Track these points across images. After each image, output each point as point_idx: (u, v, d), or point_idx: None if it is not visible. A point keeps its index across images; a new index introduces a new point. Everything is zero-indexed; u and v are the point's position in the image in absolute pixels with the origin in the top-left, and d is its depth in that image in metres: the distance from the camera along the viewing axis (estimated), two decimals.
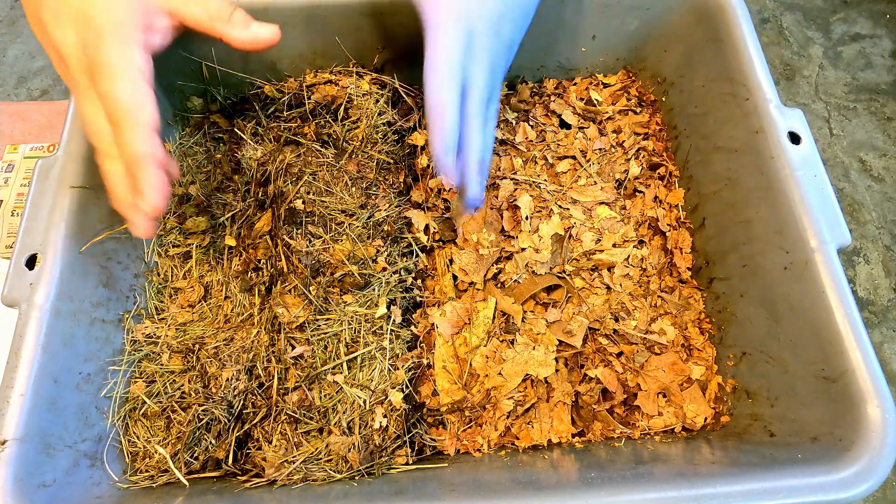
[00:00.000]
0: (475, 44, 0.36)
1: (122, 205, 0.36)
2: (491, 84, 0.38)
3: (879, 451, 0.34)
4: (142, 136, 0.33)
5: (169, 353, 0.45)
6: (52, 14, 0.34)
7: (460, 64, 0.36)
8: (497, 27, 0.37)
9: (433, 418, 0.47)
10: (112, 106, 0.33)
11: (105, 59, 0.32)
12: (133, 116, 0.33)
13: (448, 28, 0.36)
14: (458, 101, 0.36)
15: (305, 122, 0.52)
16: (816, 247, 0.39)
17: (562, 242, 0.51)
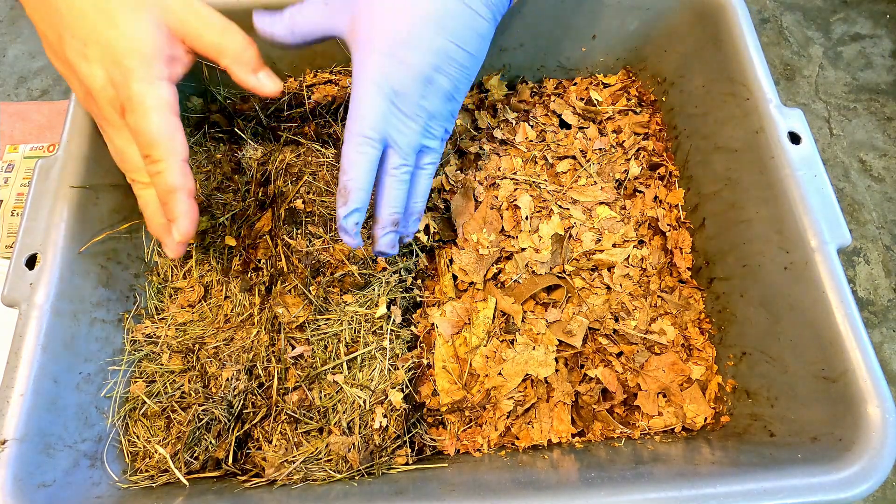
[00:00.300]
0: (398, 104, 0.36)
1: (157, 228, 0.38)
2: (416, 141, 0.37)
3: (879, 451, 0.34)
4: (174, 169, 0.34)
5: (169, 353, 0.45)
6: (78, 53, 0.34)
7: (375, 127, 0.36)
8: (425, 87, 0.36)
9: (433, 418, 0.47)
10: (144, 139, 0.34)
11: (135, 96, 0.34)
12: (165, 150, 0.34)
13: (366, 92, 0.35)
14: (368, 163, 0.36)
15: (305, 122, 0.52)
16: (816, 247, 0.39)
17: (562, 242, 0.51)
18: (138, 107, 0.34)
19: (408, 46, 0.35)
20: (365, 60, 0.36)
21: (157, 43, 0.34)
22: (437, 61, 0.36)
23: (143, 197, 0.37)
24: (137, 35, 0.34)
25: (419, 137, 0.38)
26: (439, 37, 0.35)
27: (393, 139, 0.37)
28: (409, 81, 0.36)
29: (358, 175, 0.36)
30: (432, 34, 0.35)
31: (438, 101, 0.37)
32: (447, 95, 0.38)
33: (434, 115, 0.38)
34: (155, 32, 0.34)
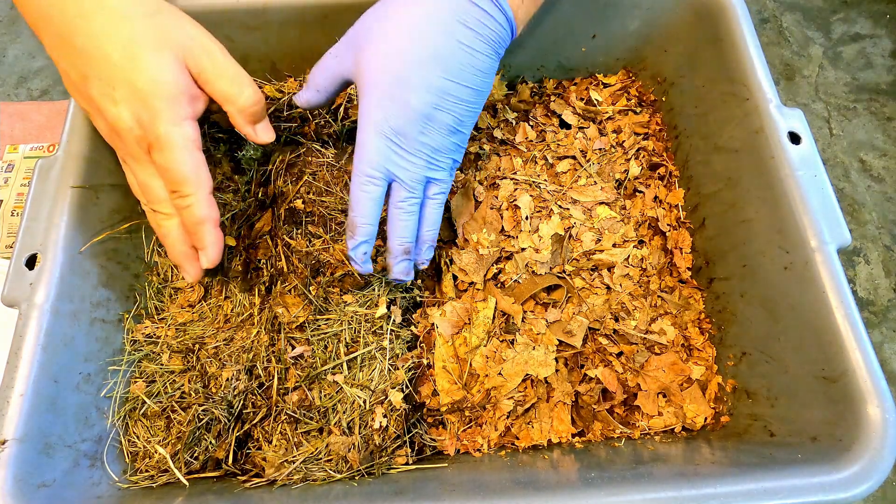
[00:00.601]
0: (399, 142, 0.38)
1: (178, 255, 0.39)
2: (420, 175, 0.39)
3: (879, 451, 0.34)
4: (203, 202, 0.37)
5: (169, 353, 0.45)
6: (105, 94, 0.35)
7: (376, 166, 0.38)
8: (424, 124, 0.38)
9: (433, 418, 0.47)
10: (173, 177, 0.36)
11: (163, 136, 0.35)
12: (193, 185, 0.36)
13: (367, 133, 0.38)
14: (371, 200, 0.38)
15: (305, 122, 0.52)
16: (816, 247, 0.39)
17: (562, 242, 0.51)
18: (166, 146, 0.35)
19: (405, 87, 0.37)
20: (367, 103, 0.38)
21: (180, 83, 0.35)
22: (435, 100, 0.37)
23: (165, 227, 0.38)
24: (163, 77, 0.35)
25: (424, 171, 0.39)
26: (436, 77, 0.37)
27: (396, 175, 0.39)
28: (409, 121, 0.37)
29: (362, 211, 0.39)
30: (429, 74, 0.37)
31: (441, 135, 0.39)
32: (450, 130, 0.39)
33: (438, 149, 0.39)
34: (178, 73, 0.35)
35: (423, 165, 0.39)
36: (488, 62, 0.39)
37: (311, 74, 0.42)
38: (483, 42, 0.38)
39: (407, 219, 0.40)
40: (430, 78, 0.37)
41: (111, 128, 0.36)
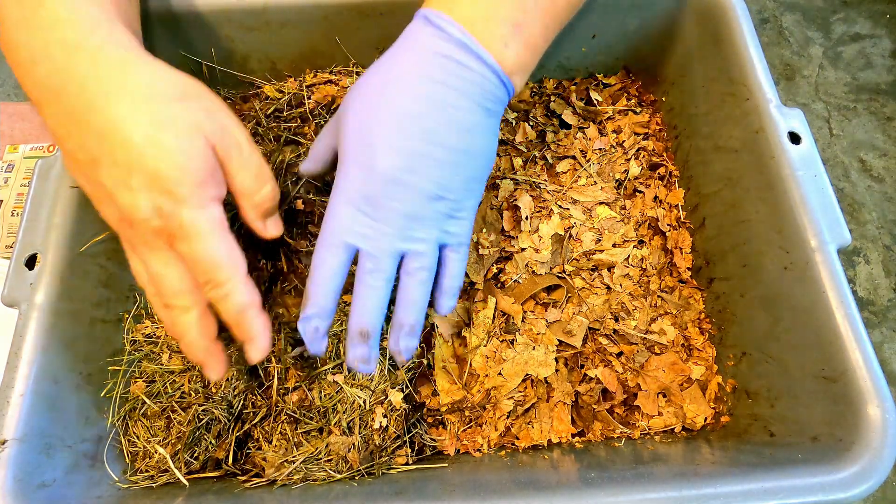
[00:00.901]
0: (365, 209, 0.34)
1: (199, 352, 0.35)
2: (390, 245, 0.35)
3: (879, 451, 0.34)
4: (241, 288, 0.33)
5: (169, 353, 0.45)
6: (119, 181, 0.31)
7: (336, 233, 0.35)
8: (394, 189, 0.34)
9: (433, 418, 0.47)
10: (205, 265, 0.32)
11: (188, 224, 0.31)
12: (229, 269, 0.33)
13: (333, 200, 0.35)
14: (328, 269, 0.35)
15: (305, 122, 0.52)
16: (816, 247, 0.39)
17: (562, 242, 0.51)
18: (194, 234, 0.32)
19: (371, 150, 0.34)
20: (339, 171, 0.35)
21: (208, 166, 0.32)
22: (404, 163, 0.34)
23: (183, 323, 0.34)
24: (190, 163, 0.31)
25: (393, 241, 0.35)
26: (405, 137, 0.34)
27: (358, 244, 0.35)
28: (375, 186, 0.34)
29: (316, 281, 0.35)
30: (395, 135, 0.34)
31: (416, 202, 0.34)
32: (428, 196, 0.34)
33: (415, 217, 0.35)
34: (207, 156, 0.32)
35: (393, 234, 0.34)
36: (473, 119, 0.35)
37: (313, 146, 0.41)
38: (463, 97, 0.34)
39: (370, 295, 0.35)
40: (396, 139, 0.34)
41: (122, 217, 0.32)
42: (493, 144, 0.37)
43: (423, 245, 0.36)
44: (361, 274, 0.35)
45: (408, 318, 0.36)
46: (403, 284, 0.36)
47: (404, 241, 0.35)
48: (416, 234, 0.35)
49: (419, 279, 0.36)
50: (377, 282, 0.35)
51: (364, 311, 0.35)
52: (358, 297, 0.35)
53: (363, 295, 0.35)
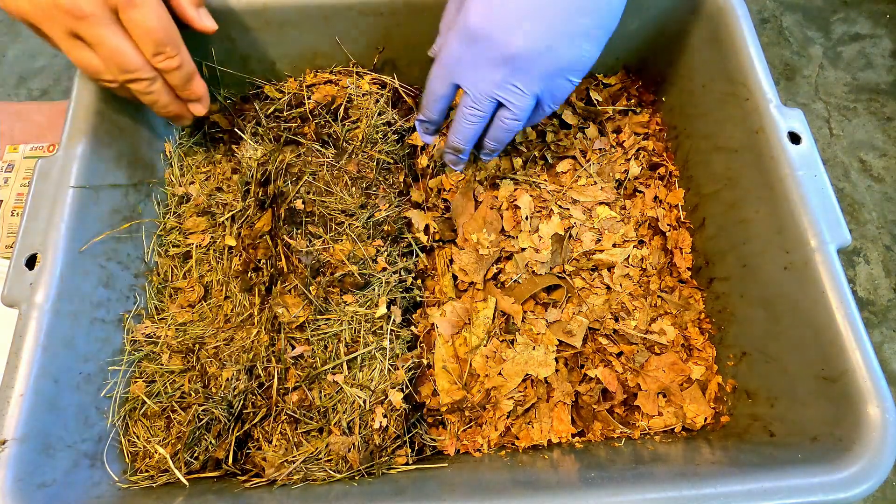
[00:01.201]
0: (476, 49, 0.37)
1: (175, 108, 0.42)
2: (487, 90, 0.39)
3: (879, 451, 0.34)
4: (187, 57, 0.38)
5: (169, 353, 0.45)
6: None
7: (449, 67, 0.39)
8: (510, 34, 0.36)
9: (433, 418, 0.47)
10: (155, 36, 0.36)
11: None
12: (177, 41, 0.37)
13: (453, 34, 0.38)
14: (441, 94, 0.41)
15: (305, 122, 0.52)
16: (816, 247, 0.39)
17: (562, 242, 0.51)
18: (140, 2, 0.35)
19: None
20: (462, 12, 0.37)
21: None
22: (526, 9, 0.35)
23: (154, 91, 0.39)
24: None
25: (491, 88, 0.38)
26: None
27: (462, 83, 0.39)
28: (494, 28, 0.36)
29: (428, 99, 0.42)
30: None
31: (525, 55, 0.36)
32: (537, 49, 0.36)
33: (519, 69, 0.37)
34: None
35: (492, 82, 0.38)
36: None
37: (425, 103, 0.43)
38: None
39: (466, 125, 0.41)
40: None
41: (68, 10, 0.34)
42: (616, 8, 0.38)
43: (519, 98, 0.39)
44: (462, 108, 0.40)
45: (491, 146, 0.44)
46: (494, 125, 0.42)
47: (500, 89, 0.38)
48: (515, 87, 0.38)
49: (507, 127, 0.41)
50: (473, 118, 0.41)
51: (460, 136, 0.43)
52: (457, 124, 0.42)
53: (461, 125, 0.42)
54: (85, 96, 0.44)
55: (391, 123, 0.53)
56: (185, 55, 0.39)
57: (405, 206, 0.51)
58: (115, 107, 0.46)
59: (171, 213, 0.50)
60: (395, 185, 0.52)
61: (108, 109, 0.45)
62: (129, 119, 0.47)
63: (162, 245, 0.49)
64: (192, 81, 0.41)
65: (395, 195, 0.51)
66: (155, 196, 0.50)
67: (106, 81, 0.39)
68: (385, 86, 0.55)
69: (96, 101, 0.44)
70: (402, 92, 0.55)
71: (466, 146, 0.44)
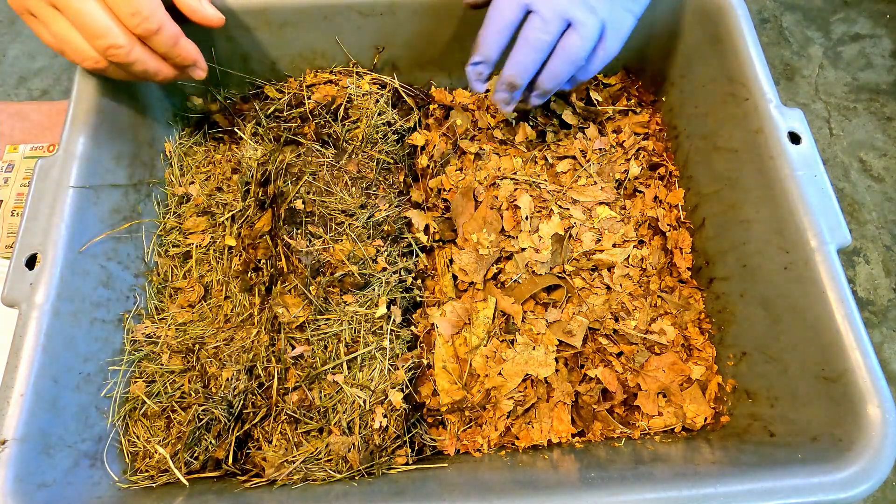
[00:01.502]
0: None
1: (165, 71, 0.40)
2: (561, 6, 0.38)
3: (879, 451, 0.34)
4: (169, 20, 0.37)
5: (169, 353, 0.45)
6: None
7: None
8: None
9: (433, 418, 0.47)
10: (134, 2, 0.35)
11: None
12: (152, 5, 0.36)
13: None
14: (505, 21, 0.39)
15: (305, 122, 0.52)
16: (816, 247, 0.39)
17: (562, 242, 0.51)
18: None
19: None
20: None
21: None
22: None
23: (137, 60, 0.38)
24: None
25: (566, 5, 0.37)
26: None
27: (535, 4, 0.38)
28: None
29: (490, 31, 0.39)
30: None
31: None
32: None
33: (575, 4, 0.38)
34: None
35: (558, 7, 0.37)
36: None
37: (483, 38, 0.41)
38: None
39: (526, 53, 0.39)
40: None
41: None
42: None
43: (589, 18, 0.38)
44: (527, 32, 0.39)
45: (544, 84, 0.42)
46: (556, 56, 0.40)
47: (574, 8, 0.38)
48: (591, 3, 0.38)
49: (570, 58, 0.40)
50: (537, 43, 0.39)
51: (518, 67, 0.40)
52: (517, 53, 0.40)
53: (523, 52, 0.39)
54: (85, 96, 0.44)
55: (391, 123, 0.53)
56: (161, 17, 0.37)
57: (405, 206, 0.51)
58: (116, 106, 0.46)
59: (171, 213, 0.50)
60: (395, 185, 0.52)
61: (108, 109, 0.45)
62: (129, 119, 0.47)
63: (162, 245, 0.49)
64: (177, 45, 0.39)
65: (395, 195, 0.51)
66: (155, 196, 0.50)
67: (91, 62, 0.38)
68: (385, 86, 0.55)
69: (96, 101, 0.44)
70: (402, 92, 0.55)
71: (524, 80, 0.42)
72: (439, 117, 0.58)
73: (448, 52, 0.55)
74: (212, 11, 0.41)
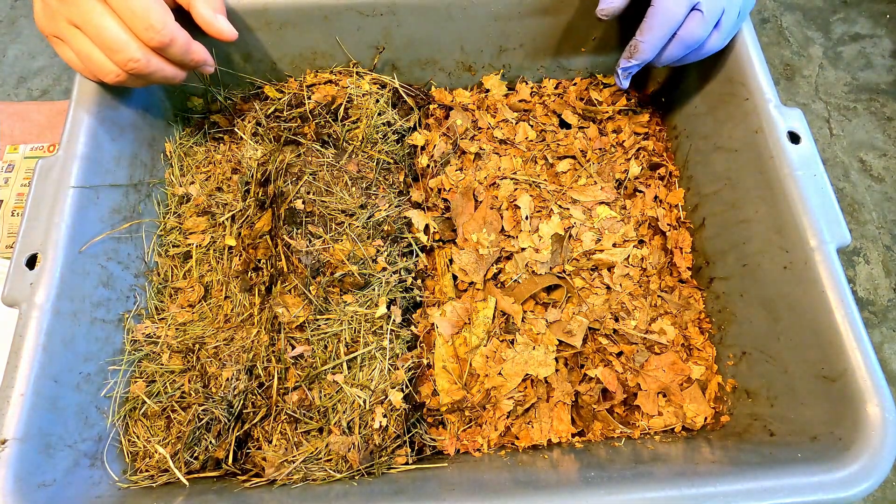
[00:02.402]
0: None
1: (182, 74, 0.42)
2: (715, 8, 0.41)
3: (879, 451, 0.34)
4: (180, 30, 0.39)
5: (169, 353, 0.45)
6: None
7: None
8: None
9: (433, 418, 0.47)
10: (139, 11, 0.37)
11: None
12: (163, 15, 0.38)
13: None
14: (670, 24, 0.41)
15: (305, 122, 0.52)
16: (816, 247, 0.39)
17: (562, 242, 0.51)
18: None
19: None
20: None
21: None
22: None
23: (156, 71, 0.39)
24: None
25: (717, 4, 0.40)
26: None
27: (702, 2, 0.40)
28: None
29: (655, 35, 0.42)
30: None
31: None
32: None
33: None
34: None
35: None
36: None
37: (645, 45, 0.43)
38: None
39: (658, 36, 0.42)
40: None
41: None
42: None
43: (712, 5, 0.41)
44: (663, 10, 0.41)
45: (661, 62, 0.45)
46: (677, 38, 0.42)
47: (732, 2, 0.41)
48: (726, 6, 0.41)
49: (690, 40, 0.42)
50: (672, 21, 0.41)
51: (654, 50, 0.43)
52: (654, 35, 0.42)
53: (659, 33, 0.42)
54: (85, 96, 0.44)
55: (391, 123, 0.53)
56: (173, 29, 0.38)
57: (405, 206, 0.51)
58: (116, 107, 0.46)
59: (171, 213, 0.50)
60: (395, 185, 0.52)
61: (108, 109, 0.45)
62: (129, 119, 0.47)
63: (162, 245, 0.49)
64: (189, 52, 0.40)
65: (395, 195, 0.51)
66: (155, 196, 0.50)
67: (112, 75, 0.39)
68: (385, 86, 0.55)
69: (96, 102, 0.44)
70: (402, 92, 0.55)
71: (653, 56, 0.44)
72: (439, 117, 0.58)
73: (448, 52, 0.55)
74: (226, 26, 0.42)
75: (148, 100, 0.50)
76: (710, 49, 0.44)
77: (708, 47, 0.44)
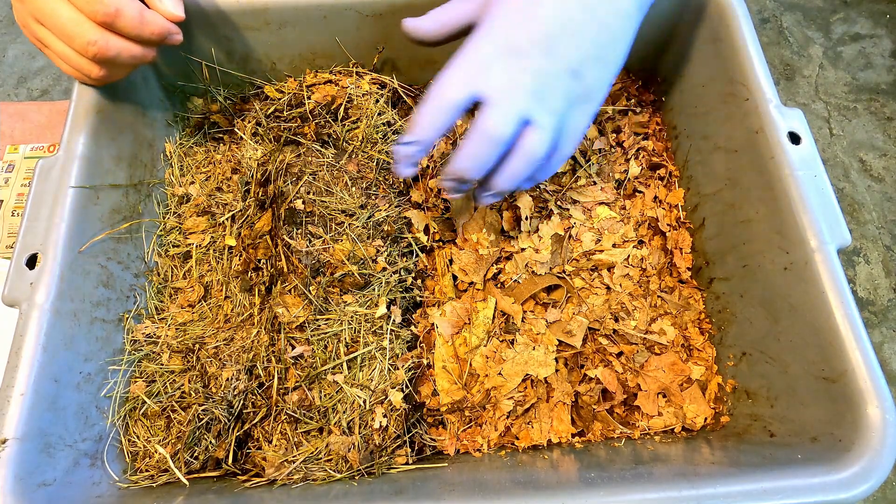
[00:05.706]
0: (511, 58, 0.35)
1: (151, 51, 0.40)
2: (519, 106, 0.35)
3: (879, 452, 0.34)
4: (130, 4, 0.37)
5: (169, 353, 0.45)
6: None
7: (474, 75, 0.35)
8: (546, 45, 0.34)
9: (433, 418, 0.47)
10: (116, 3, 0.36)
11: None
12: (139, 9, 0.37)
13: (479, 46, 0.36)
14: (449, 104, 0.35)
15: (305, 122, 0.52)
16: (816, 247, 0.39)
17: (562, 242, 0.51)
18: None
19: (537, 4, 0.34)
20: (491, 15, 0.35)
21: None
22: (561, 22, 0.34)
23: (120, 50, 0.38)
24: None
25: (522, 99, 0.34)
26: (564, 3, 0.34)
27: (486, 92, 0.34)
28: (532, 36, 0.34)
29: (430, 112, 0.35)
30: None
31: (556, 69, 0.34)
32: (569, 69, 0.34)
33: (550, 86, 0.34)
34: None
35: (524, 92, 0.34)
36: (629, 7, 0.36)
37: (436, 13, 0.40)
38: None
39: (481, 146, 0.35)
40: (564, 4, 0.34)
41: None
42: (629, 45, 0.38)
43: (545, 118, 0.35)
44: (485, 123, 0.34)
45: (497, 184, 0.38)
46: (515, 155, 0.36)
47: (532, 101, 0.34)
48: (547, 105, 0.35)
49: (527, 158, 0.36)
50: (498, 137, 0.34)
51: (472, 160, 0.36)
52: (471, 145, 0.35)
53: (477, 145, 0.35)
54: (85, 96, 0.44)
55: (391, 123, 0.53)
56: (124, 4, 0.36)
57: (405, 206, 0.51)
58: (116, 106, 0.46)
59: (171, 213, 0.50)
60: (395, 185, 0.52)
61: (108, 109, 0.45)
62: (129, 119, 0.47)
63: (162, 245, 0.49)
64: (144, 22, 0.37)
65: (395, 195, 0.51)
66: (155, 196, 0.50)
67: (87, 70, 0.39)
68: (385, 86, 0.55)
69: (96, 101, 0.44)
70: (401, 92, 0.55)
71: (477, 176, 0.37)
72: None
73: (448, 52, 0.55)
74: (170, 6, 0.40)
75: (148, 100, 0.50)
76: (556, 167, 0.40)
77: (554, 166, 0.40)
